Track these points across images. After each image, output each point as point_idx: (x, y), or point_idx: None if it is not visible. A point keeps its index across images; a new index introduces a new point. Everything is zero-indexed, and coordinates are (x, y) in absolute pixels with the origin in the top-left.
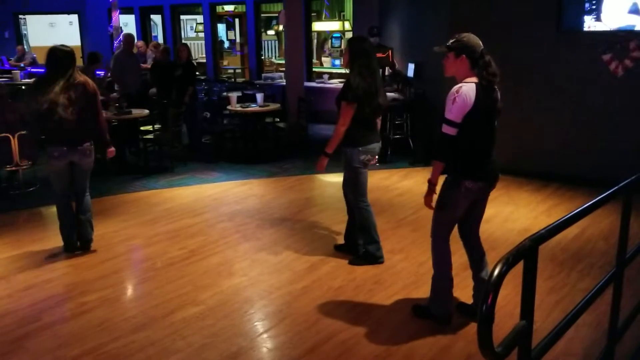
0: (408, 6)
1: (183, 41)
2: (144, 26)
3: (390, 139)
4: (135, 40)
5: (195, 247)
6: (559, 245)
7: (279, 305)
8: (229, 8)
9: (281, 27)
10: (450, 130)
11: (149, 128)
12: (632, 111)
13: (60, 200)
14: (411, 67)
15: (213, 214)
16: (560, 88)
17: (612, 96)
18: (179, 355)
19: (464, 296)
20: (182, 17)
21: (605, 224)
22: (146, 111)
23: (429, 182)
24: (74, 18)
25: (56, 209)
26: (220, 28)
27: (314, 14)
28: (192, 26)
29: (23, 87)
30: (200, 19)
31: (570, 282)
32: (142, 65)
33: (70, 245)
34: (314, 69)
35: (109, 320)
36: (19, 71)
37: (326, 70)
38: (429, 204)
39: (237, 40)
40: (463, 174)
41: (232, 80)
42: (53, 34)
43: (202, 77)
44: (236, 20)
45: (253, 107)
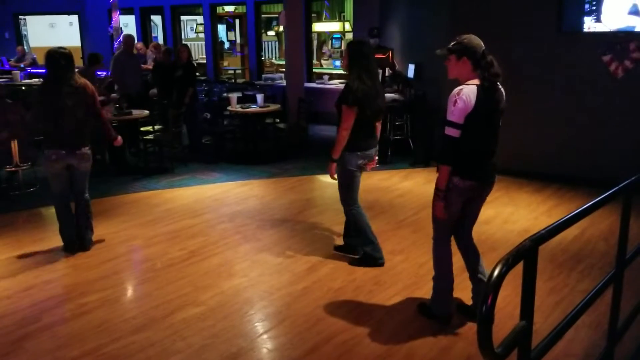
0: (408, 7)
1: (183, 42)
2: (144, 27)
3: (390, 140)
4: (135, 42)
5: (195, 248)
6: (559, 246)
7: (279, 306)
8: (229, 9)
9: (281, 27)
10: (453, 132)
11: (149, 129)
12: (632, 112)
13: (59, 201)
14: (411, 68)
15: (213, 214)
16: (560, 89)
17: (612, 97)
18: (179, 356)
19: (464, 297)
20: (183, 17)
21: (606, 224)
22: (146, 112)
23: (436, 187)
24: (74, 19)
25: (55, 210)
26: (221, 29)
27: (314, 15)
28: (192, 27)
29: (23, 88)
30: (200, 19)
31: (570, 283)
32: (142, 66)
33: (70, 245)
34: (314, 70)
35: (109, 321)
36: (19, 72)
37: (326, 71)
38: (441, 213)
39: (238, 41)
40: (452, 171)
41: (233, 81)
42: (53, 35)
43: (202, 78)
44: (236, 21)
45: (253, 108)
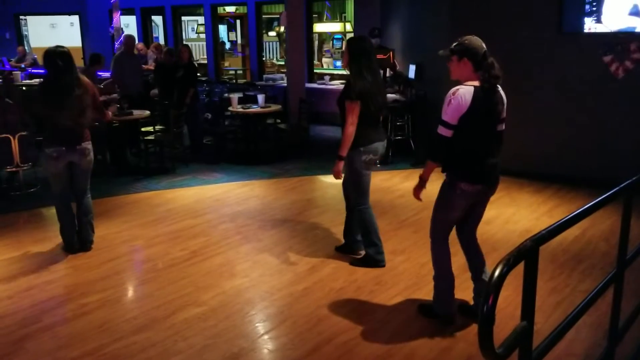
0: (409, 8)
1: (184, 42)
2: (145, 27)
3: (391, 141)
4: (136, 42)
5: (196, 248)
6: (560, 246)
7: (280, 307)
8: (230, 9)
9: (282, 28)
10: (445, 132)
11: (150, 129)
12: (633, 112)
13: (60, 201)
14: (412, 69)
15: (214, 215)
16: (560, 89)
17: (612, 98)
18: (180, 357)
19: (465, 297)
20: (183, 18)
21: (606, 225)
22: (147, 112)
23: (420, 177)
24: (75, 19)
25: (55, 210)
26: (222, 29)
27: (315, 16)
28: (193, 27)
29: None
30: (201, 20)
31: (571, 284)
32: (143, 67)
33: (71, 246)
34: (315, 70)
35: (110, 321)
36: (19, 72)
37: (327, 71)
38: (417, 195)
39: (239, 41)
40: (458, 176)
41: (234, 81)
42: (54, 35)
43: (203, 79)
44: (237, 22)
45: (254, 108)
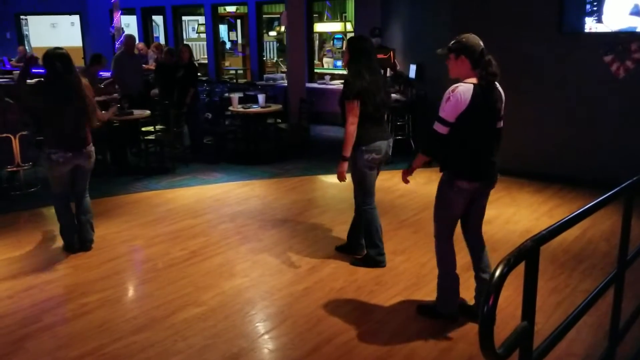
0: (410, 8)
1: (185, 42)
2: (145, 27)
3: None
4: (136, 42)
5: (196, 248)
6: (561, 246)
7: (280, 307)
8: (231, 9)
9: (283, 28)
10: (441, 129)
11: (151, 129)
12: (634, 112)
13: (60, 202)
14: (413, 68)
15: (214, 215)
16: (561, 89)
17: (613, 98)
18: (179, 357)
19: (466, 297)
20: (184, 18)
21: (607, 225)
22: (147, 112)
23: (409, 164)
24: (76, 19)
25: (55, 210)
26: (222, 29)
27: (315, 15)
28: (193, 27)
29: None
30: (202, 19)
31: (571, 284)
32: (143, 66)
33: (70, 246)
34: (316, 70)
35: (110, 321)
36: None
37: (328, 71)
38: (405, 178)
39: (239, 41)
40: (456, 174)
41: (234, 81)
42: (54, 35)
43: (203, 78)
44: (238, 21)
45: (255, 108)
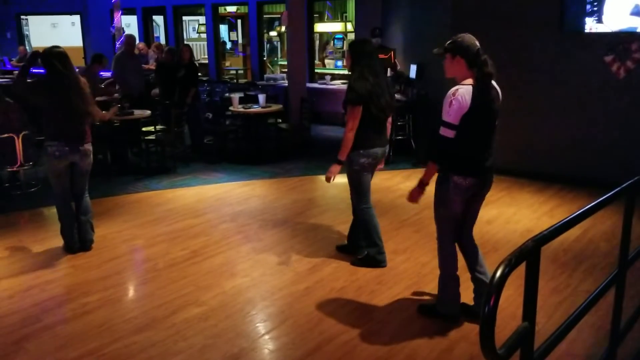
0: (410, 7)
1: (185, 42)
2: (146, 27)
3: (392, 140)
4: (137, 42)
5: (197, 247)
6: (561, 246)
7: (281, 306)
8: (232, 9)
9: (283, 28)
10: (448, 133)
11: (151, 129)
12: (634, 112)
13: (61, 201)
14: (413, 68)
15: (215, 214)
16: (562, 89)
17: (614, 98)
18: (180, 357)
19: (466, 297)
20: (185, 18)
21: (608, 225)
22: (148, 112)
23: (420, 180)
24: (76, 19)
25: (57, 210)
26: (223, 29)
27: (316, 15)
28: (194, 27)
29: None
30: (202, 19)
31: (572, 284)
32: (144, 66)
33: (71, 246)
34: (317, 70)
35: (110, 321)
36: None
37: (328, 71)
38: (415, 198)
39: (240, 41)
40: (452, 170)
41: (235, 81)
42: (55, 35)
43: (204, 78)
44: (238, 21)
45: (255, 108)
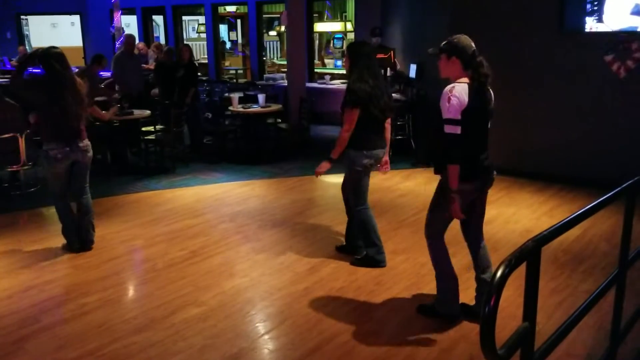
0: (410, 7)
1: (185, 42)
2: (145, 27)
3: (392, 140)
4: (137, 42)
5: (196, 248)
6: (561, 246)
7: (280, 307)
8: (231, 9)
9: (283, 27)
10: (454, 129)
11: (151, 129)
12: (635, 112)
13: (61, 201)
14: (413, 68)
15: (214, 214)
16: (561, 89)
17: (614, 97)
18: (179, 357)
19: (466, 297)
20: (184, 17)
21: (608, 225)
22: (147, 112)
23: (451, 191)
24: (76, 19)
25: (56, 211)
26: (222, 29)
27: (315, 15)
28: (194, 27)
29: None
30: (202, 19)
31: (572, 284)
32: (143, 66)
33: (73, 245)
34: (316, 70)
35: (110, 321)
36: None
37: (328, 71)
38: (458, 211)
39: (239, 41)
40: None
41: (234, 81)
42: (55, 35)
43: (203, 78)
44: (238, 21)
45: (255, 108)
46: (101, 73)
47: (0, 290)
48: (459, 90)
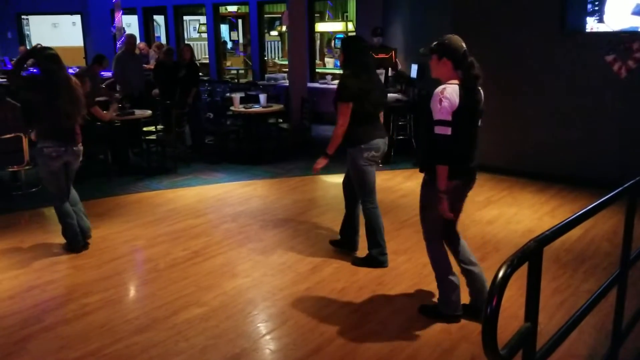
0: (411, 7)
1: (186, 42)
2: (146, 27)
3: (393, 140)
4: (138, 42)
5: (198, 248)
6: (563, 246)
7: (282, 307)
8: (232, 9)
9: (284, 27)
10: (444, 130)
11: (152, 129)
12: (636, 112)
13: (61, 202)
14: (414, 68)
15: (216, 215)
16: (563, 89)
17: (615, 97)
18: (181, 357)
19: (466, 298)
20: (185, 17)
21: (609, 225)
22: (149, 112)
23: (440, 190)
24: (77, 19)
25: (56, 211)
26: (223, 29)
27: (317, 15)
28: (195, 27)
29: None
30: (203, 19)
31: (574, 284)
32: (144, 66)
33: (75, 245)
34: (317, 70)
35: (112, 321)
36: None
37: (329, 70)
38: (447, 213)
39: (240, 41)
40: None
41: (235, 81)
42: (56, 35)
43: (205, 78)
44: (239, 21)
45: (256, 108)
46: (102, 73)
47: (2, 290)
48: (450, 92)
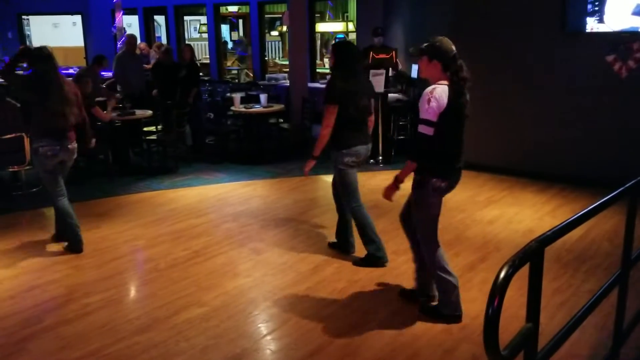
0: (412, 7)
1: (186, 42)
2: (147, 27)
3: (394, 140)
4: (138, 42)
5: (199, 248)
6: (564, 246)
7: (283, 307)
8: (233, 9)
9: (285, 28)
10: (427, 130)
11: (153, 129)
12: (636, 112)
13: (60, 202)
14: (415, 68)
15: (217, 214)
16: (563, 89)
17: (616, 97)
18: (182, 357)
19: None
20: (186, 17)
21: (610, 225)
22: (149, 112)
23: (395, 177)
24: (78, 19)
25: (56, 211)
26: (224, 29)
27: (317, 15)
28: (195, 27)
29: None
30: (203, 19)
31: (575, 284)
32: (145, 66)
33: (76, 245)
34: (318, 70)
35: (112, 321)
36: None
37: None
38: (389, 196)
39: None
40: (430, 173)
41: (236, 81)
42: (56, 35)
43: (205, 78)
44: (240, 21)
45: (257, 108)
46: (102, 73)
47: (3, 290)
48: (440, 92)
